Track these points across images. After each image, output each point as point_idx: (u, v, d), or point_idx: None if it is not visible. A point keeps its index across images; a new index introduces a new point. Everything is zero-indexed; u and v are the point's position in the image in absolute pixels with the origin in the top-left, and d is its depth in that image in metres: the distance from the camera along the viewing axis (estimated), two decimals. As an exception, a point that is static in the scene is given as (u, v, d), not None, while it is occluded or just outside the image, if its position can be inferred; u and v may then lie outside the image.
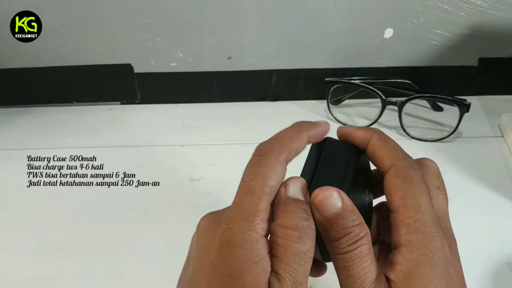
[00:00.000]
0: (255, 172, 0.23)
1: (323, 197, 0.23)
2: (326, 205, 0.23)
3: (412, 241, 0.22)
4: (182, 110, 0.61)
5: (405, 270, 0.22)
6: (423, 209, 0.23)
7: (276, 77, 0.59)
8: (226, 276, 0.22)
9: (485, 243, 0.41)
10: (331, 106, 0.57)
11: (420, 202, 0.23)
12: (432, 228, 0.23)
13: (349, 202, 0.23)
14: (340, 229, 0.22)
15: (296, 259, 0.22)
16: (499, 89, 0.60)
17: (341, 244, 0.22)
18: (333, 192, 0.23)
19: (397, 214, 0.24)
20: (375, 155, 0.26)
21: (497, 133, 0.55)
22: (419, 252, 0.22)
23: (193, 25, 0.55)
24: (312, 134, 0.26)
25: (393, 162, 0.25)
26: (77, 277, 0.40)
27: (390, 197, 0.24)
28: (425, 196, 0.23)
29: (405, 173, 0.24)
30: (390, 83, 0.57)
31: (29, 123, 0.59)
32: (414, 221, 0.23)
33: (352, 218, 0.23)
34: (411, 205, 0.23)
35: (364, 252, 0.22)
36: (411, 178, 0.24)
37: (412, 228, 0.23)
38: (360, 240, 0.22)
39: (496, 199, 0.46)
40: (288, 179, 0.24)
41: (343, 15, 0.54)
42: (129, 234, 0.44)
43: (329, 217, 0.23)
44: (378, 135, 0.26)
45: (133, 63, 0.58)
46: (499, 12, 0.53)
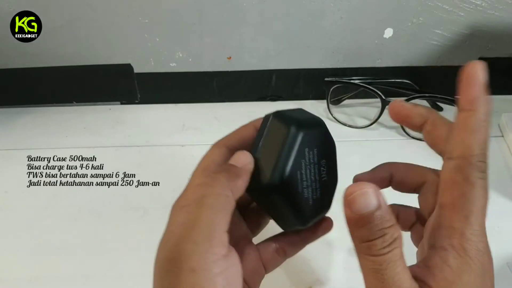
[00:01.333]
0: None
1: (359, 194, 0.21)
2: (362, 202, 0.21)
3: (455, 246, 0.21)
4: (182, 110, 0.61)
5: (448, 277, 0.21)
6: (475, 216, 0.22)
7: (276, 77, 0.59)
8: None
9: (485, 243, 0.41)
10: (331, 106, 0.57)
11: (473, 208, 0.22)
12: (478, 237, 0.22)
13: (384, 201, 0.21)
14: (375, 230, 0.21)
15: None
16: (499, 89, 0.60)
17: (375, 245, 0.21)
18: (369, 189, 0.21)
19: (444, 211, 0.23)
20: (455, 129, 0.23)
21: (497, 133, 0.55)
22: (461, 260, 0.21)
23: (193, 25, 0.55)
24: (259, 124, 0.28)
25: (465, 155, 0.22)
26: (77, 277, 0.40)
27: (444, 190, 0.23)
28: (480, 203, 0.22)
29: (470, 173, 0.22)
30: (390, 83, 0.57)
31: (29, 123, 0.59)
32: (462, 226, 0.22)
33: (387, 219, 0.21)
34: (463, 209, 0.22)
35: (398, 255, 0.21)
36: (473, 180, 0.22)
37: (457, 233, 0.22)
38: (394, 242, 0.21)
39: (496, 199, 0.46)
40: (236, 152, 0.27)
41: (343, 15, 0.54)
42: (129, 234, 0.44)
43: (364, 215, 0.21)
44: (480, 116, 0.23)
45: (133, 63, 0.58)
46: (499, 12, 0.53)
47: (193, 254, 0.22)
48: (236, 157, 0.26)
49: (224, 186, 0.24)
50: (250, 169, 0.26)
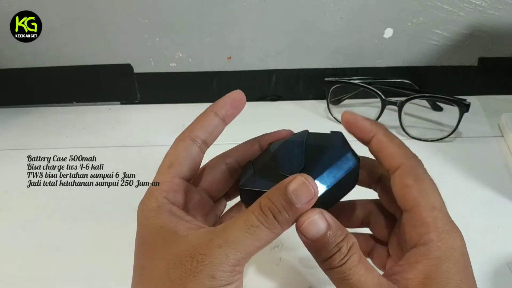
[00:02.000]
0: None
1: (307, 223, 0.23)
2: (313, 229, 0.23)
3: (434, 239, 0.23)
4: (182, 110, 0.61)
5: (426, 269, 0.22)
6: (438, 206, 0.23)
7: (276, 77, 0.59)
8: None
9: (485, 243, 0.41)
10: (331, 106, 0.57)
11: (435, 200, 0.24)
12: (449, 224, 0.23)
13: (332, 220, 0.23)
14: (330, 248, 0.23)
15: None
16: (499, 89, 0.60)
17: (335, 260, 0.23)
18: (316, 215, 0.23)
19: (413, 214, 0.24)
20: (380, 151, 0.26)
21: (496, 133, 0.55)
22: (440, 251, 0.22)
23: (193, 25, 0.55)
24: (221, 112, 0.28)
25: (402, 161, 0.25)
26: (77, 277, 0.40)
27: (403, 197, 0.24)
28: (437, 193, 0.24)
29: (416, 172, 0.24)
30: (390, 83, 0.57)
31: (29, 123, 0.59)
32: (433, 220, 0.23)
33: (339, 234, 0.23)
34: (427, 204, 0.23)
35: (356, 260, 0.23)
36: (422, 176, 0.24)
37: (431, 227, 0.23)
38: (350, 250, 0.23)
39: (496, 199, 0.46)
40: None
41: (343, 15, 0.54)
42: (129, 234, 0.44)
43: (318, 239, 0.23)
44: (384, 131, 0.26)
45: (133, 63, 0.58)
46: (498, 12, 0.53)
47: (219, 263, 0.22)
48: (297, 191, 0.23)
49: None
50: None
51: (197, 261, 0.22)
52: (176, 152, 0.27)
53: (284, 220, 0.23)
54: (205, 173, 0.29)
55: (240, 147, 0.30)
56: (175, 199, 0.26)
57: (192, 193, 0.28)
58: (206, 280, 0.22)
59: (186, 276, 0.22)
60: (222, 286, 0.22)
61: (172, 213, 0.25)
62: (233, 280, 0.22)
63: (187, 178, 0.27)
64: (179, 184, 0.26)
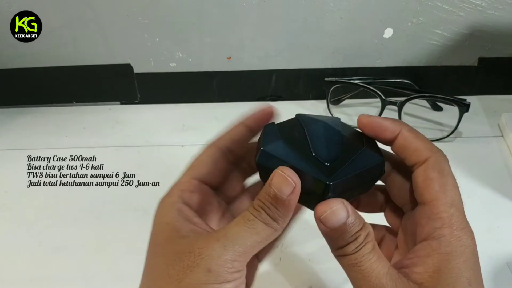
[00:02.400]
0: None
1: (329, 213, 0.23)
2: (335, 218, 0.23)
3: (446, 235, 0.23)
4: (182, 110, 0.61)
5: (436, 263, 0.22)
6: (457, 204, 0.24)
7: (276, 77, 0.59)
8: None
9: (485, 243, 0.41)
10: (331, 106, 0.57)
11: (454, 197, 0.24)
12: (464, 223, 0.23)
13: (352, 210, 0.23)
14: (348, 237, 0.23)
15: None
16: (499, 89, 0.60)
17: (349, 248, 0.23)
18: (338, 204, 0.23)
19: (431, 207, 0.24)
20: (406, 147, 0.26)
21: (496, 133, 0.55)
22: (452, 247, 0.22)
23: (193, 25, 0.55)
24: (249, 121, 0.28)
25: (429, 154, 0.25)
26: (77, 277, 0.40)
27: (424, 190, 0.24)
28: (457, 190, 0.24)
29: (442, 166, 0.24)
30: (389, 83, 0.57)
31: (29, 123, 0.59)
32: (449, 216, 0.23)
33: (357, 224, 0.23)
34: (446, 199, 0.23)
35: (370, 248, 0.23)
36: (447, 171, 0.24)
37: (446, 222, 0.23)
38: (366, 238, 0.23)
39: (496, 199, 0.46)
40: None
41: (343, 15, 0.54)
42: (129, 234, 0.44)
43: (337, 228, 0.23)
44: (408, 127, 0.26)
45: (133, 63, 0.58)
46: (498, 12, 0.53)
47: (217, 256, 0.22)
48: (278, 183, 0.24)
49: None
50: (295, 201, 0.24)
51: (195, 255, 0.22)
52: (199, 157, 0.28)
53: (276, 214, 0.23)
54: (198, 166, 0.28)
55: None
56: (190, 199, 0.26)
57: (210, 197, 0.28)
58: (202, 275, 0.22)
59: (184, 271, 0.22)
60: (218, 283, 0.22)
61: (181, 213, 0.25)
62: (231, 278, 0.22)
63: (206, 181, 0.27)
64: (196, 185, 0.27)
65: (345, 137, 0.26)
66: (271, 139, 0.26)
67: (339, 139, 0.26)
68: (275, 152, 0.25)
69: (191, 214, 0.26)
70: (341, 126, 0.27)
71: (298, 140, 0.26)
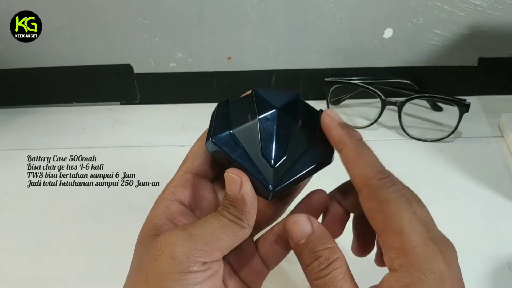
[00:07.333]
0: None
1: (292, 222, 0.23)
2: (297, 230, 0.23)
3: (404, 265, 0.21)
4: (182, 110, 0.61)
5: None
6: (407, 229, 0.21)
7: (275, 77, 0.59)
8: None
9: (485, 243, 0.41)
10: (330, 106, 0.57)
11: (402, 222, 0.22)
12: (422, 247, 0.21)
13: (319, 226, 0.23)
14: (310, 253, 0.22)
15: None
16: (499, 89, 0.60)
17: (313, 269, 0.22)
18: (302, 217, 0.23)
19: (382, 238, 0.22)
20: (347, 168, 0.24)
21: (496, 133, 0.55)
22: (411, 278, 0.21)
23: (193, 25, 0.55)
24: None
25: (365, 182, 0.23)
26: (77, 277, 0.40)
27: (370, 220, 0.23)
28: (406, 214, 0.22)
29: (379, 194, 0.22)
30: (389, 83, 0.57)
31: (29, 123, 0.59)
32: (401, 245, 0.21)
33: (322, 242, 0.23)
34: (393, 228, 0.22)
35: (338, 277, 0.22)
36: (386, 198, 0.22)
37: (401, 252, 0.21)
38: (332, 264, 0.22)
39: (496, 199, 0.46)
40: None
41: (343, 15, 0.54)
42: (129, 234, 0.44)
43: (300, 242, 0.23)
44: (352, 146, 0.24)
45: (133, 63, 0.58)
46: (498, 12, 0.53)
47: (181, 244, 0.22)
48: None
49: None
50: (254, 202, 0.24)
51: (161, 244, 0.22)
52: (191, 149, 0.28)
53: (234, 211, 0.24)
54: (190, 159, 0.28)
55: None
56: (182, 195, 0.26)
57: (205, 190, 0.28)
58: (165, 263, 0.21)
59: (150, 261, 0.22)
60: (181, 271, 0.21)
61: (166, 210, 0.25)
62: (195, 269, 0.21)
63: (201, 173, 0.27)
64: (188, 179, 0.27)
65: (298, 127, 0.26)
66: (221, 126, 0.26)
67: (291, 130, 0.26)
68: (223, 145, 0.25)
69: (179, 212, 0.26)
70: (298, 107, 0.27)
71: (249, 131, 0.26)
